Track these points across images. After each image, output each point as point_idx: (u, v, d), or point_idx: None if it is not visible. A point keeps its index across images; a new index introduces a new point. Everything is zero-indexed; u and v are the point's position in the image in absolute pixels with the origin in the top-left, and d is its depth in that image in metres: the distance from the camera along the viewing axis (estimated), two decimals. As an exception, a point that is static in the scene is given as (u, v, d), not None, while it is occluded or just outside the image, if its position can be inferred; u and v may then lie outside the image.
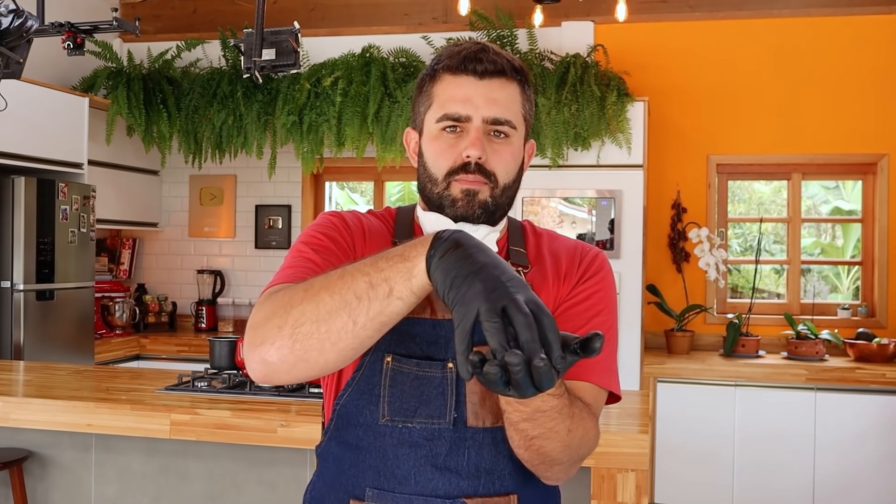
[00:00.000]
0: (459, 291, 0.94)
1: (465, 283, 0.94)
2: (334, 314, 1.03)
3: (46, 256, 4.24)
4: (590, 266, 1.35)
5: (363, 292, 1.02)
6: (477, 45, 1.32)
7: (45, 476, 2.97)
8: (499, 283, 0.94)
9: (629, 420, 2.48)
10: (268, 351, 1.07)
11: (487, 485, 1.24)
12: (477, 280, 0.94)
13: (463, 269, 0.96)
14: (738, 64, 4.96)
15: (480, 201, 1.28)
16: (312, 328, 1.05)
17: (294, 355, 1.06)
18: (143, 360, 5.04)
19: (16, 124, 4.13)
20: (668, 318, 4.90)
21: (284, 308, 1.08)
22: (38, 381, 3.09)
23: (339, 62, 4.92)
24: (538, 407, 1.12)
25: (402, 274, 1.01)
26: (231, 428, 2.51)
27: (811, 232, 5.39)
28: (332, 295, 1.04)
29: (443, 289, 0.97)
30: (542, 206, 4.60)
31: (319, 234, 1.30)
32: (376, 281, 1.02)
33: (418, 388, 1.24)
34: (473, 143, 1.26)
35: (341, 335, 1.04)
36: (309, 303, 1.05)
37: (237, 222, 5.62)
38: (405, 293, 1.01)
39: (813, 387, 4.36)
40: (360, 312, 1.03)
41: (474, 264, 0.96)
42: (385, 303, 1.02)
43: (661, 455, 4.48)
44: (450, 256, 0.98)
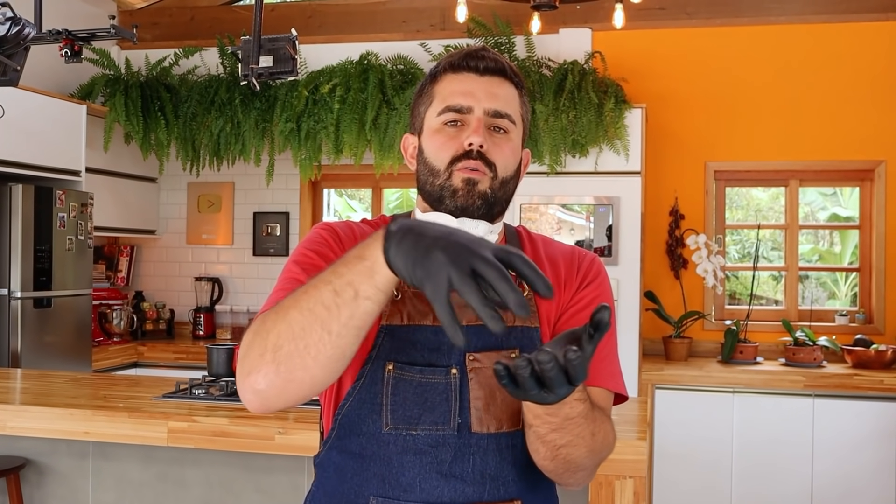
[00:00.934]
0: (423, 267, 0.94)
1: (427, 257, 0.94)
2: (308, 329, 1.04)
3: (44, 264, 4.24)
4: (588, 272, 1.37)
5: (330, 301, 1.03)
6: (477, 45, 1.37)
7: (42, 484, 2.96)
8: (459, 246, 0.94)
9: (627, 427, 2.47)
10: (256, 380, 1.08)
11: (492, 491, 1.24)
12: (436, 250, 0.94)
13: (420, 246, 0.96)
14: (735, 71, 4.97)
15: (480, 192, 1.28)
16: (291, 347, 1.05)
17: (280, 378, 1.07)
18: (140, 367, 5.03)
19: (13, 132, 4.13)
20: (666, 325, 4.90)
21: (261, 335, 1.09)
22: (36, 389, 3.08)
23: (337, 69, 4.93)
24: (567, 414, 1.14)
25: (364, 274, 1.01)
26: (228, 435, 2.51)
27: (809, 238, 5.40)
28: (300, 311, 1.05)
29: (407, 272, 0.97)
30: (540, 213, 4.60)
31: (310, 251, 1.29)
32: (339, 287, 1.02)
33: (421, 395, 1.24)
34: (476, 130, 1.28)
35: (320, 348, 1.04)
36: (282, 323, 1.06)
37: (235, 229, 5.61)
38: (371, 292, 1.02)
39: (811, 393, 4.36)
40: (331, 322, 1.03)
41: (430, 238, 0.96)
42: (354, 306, 1.02)
43: (659, 462, 4.47)
44: (405, 241, 0.98)
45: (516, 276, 1.31)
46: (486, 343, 1.27)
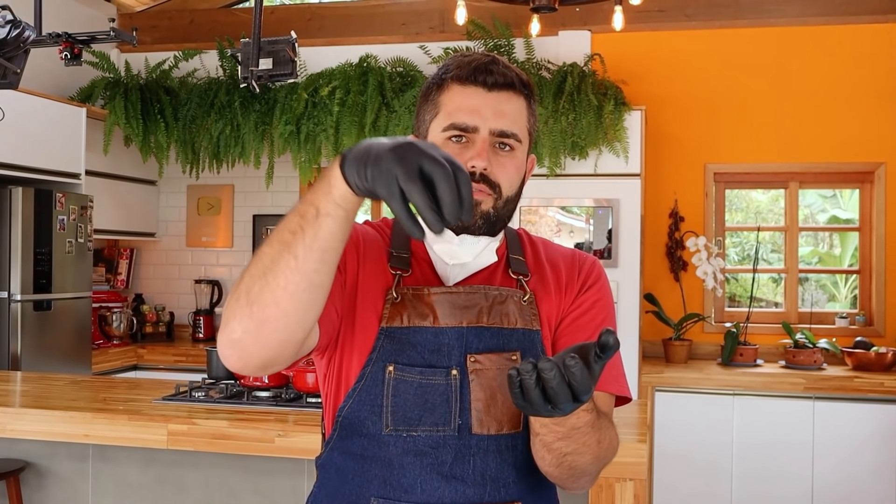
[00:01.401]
0: (374, 167, 0.95)
1: (377, 160, 0.96)
2: (276, 259, 1.04)
3: (44, 267, 4.24)
4: (589, 275, 1.37)
5: (295, 225, 1.04)
6: (487, 56, 1.32)
7: (42, 487, 2.96)
8: (407, 146, 0.95)
9: (627, 429, 2.47)
10: (232, 328, 1.08)
11: (493, 493, 1.25)
12: (387, 151, 0.96)
13: (372, 152, 0.97)
14: (735, 73, 4.98)
15: (482, 212, 1.28)
16: (262, 283, 1.05)
17: (254, 321, 1.06)
18: (140, 370, 5.02)
19: (13, 135, 4.13)
20: (666, 327, 4.89)
21: (236, 284, 1.09)
22: (36, 392, 3.08)
23: (337, 72, 4.93)
24: (573, 424, 1.15)
25: (323, 191, 1.03)
26: (228, 438, 2.51)
27: (808, 241, 5.40)
28: (270, 245, 1.06)
29: (360, 178, 0.98)
30: (539, 216, 4.60)
31: None
32: (303, 209, 1.04)
33: (422, 397, 1.24)
34: (479, 153, 1.27)
35: (287, 276, 1.03)
36: (254, 264, 1.07)
37: (235, 232, 5.61)
38: (330, 207, 1.02)
39: (811, 396, 4.35)
40: (297, 245, 1.03)
41: (380, 144, 0.98)
42: (316, 225, 1.02)
43: (659, 464, 4.47)
44: (358, 151, 1.00)
45: (517, 283, 1.32)
46: (488, 345, 1.28)
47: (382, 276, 1.30)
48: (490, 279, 1.33)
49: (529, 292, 1.32)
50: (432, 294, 1.28)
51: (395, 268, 1.31)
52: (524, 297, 1.32)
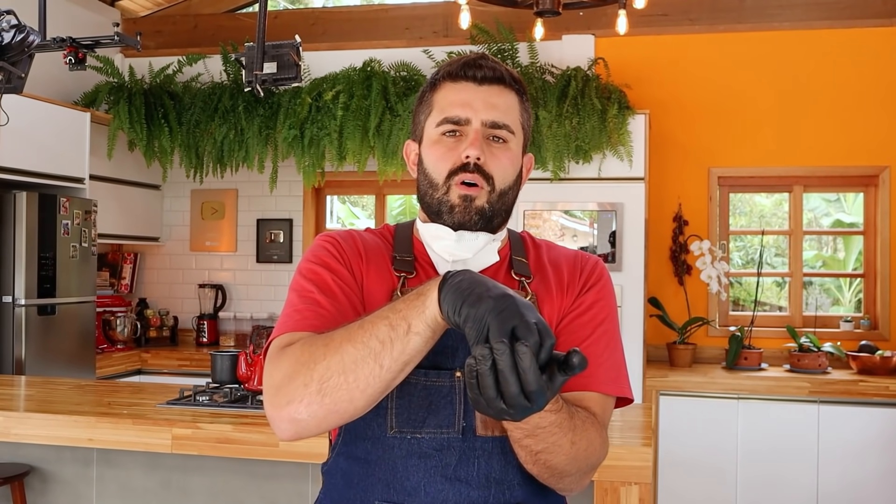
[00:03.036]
0: (472, 308, 0.99)
1: (478, 300, 0.99)
2: (360, 362, 1.08)
3: (48, 271, 4.24)
4: (590, 275, 1.37)
5: (385, 336, 1.07)
6: (476, 53, 1.35)
7: (46, 491, 2.96)
8: (511, 303, 0.98)
9: (632, 433, 2.47)
10: (297, 409, 1.11)
11: (497, 495, 1.24)
12: (488, 298, 0.99)
13: (475, 290, 1.01)
14: (739, 77, 4.97)
15: (477, 207, 1.29)
16: (340, 380, 1.08)
17: (324, 409, 1.10)
18: (144, 374, 5.02)
19: (18, 139, 4.14)
20: (671, 331, 4.89)
21: (307, 365, 1.11)
22: (40, 396, 3.08)
23: (340, 76, 4.94)
24: (537, 423, 1.14)
25: (418, 309, 1.06)
26: (233, 442, 2.50)
27: (813, 245, 5.39)
28: (355, 345, 1.08)
29: (454, 309, 1.01)
30: (543, 220, 4.60)
31: (319, 266, 1.29)
32: (395, 322, 1.07)
33: (426, 399, 1.24)
34: (472, 143, 1.28)
35: (369, 381, 1.08)
36: (333, 356, 1.09)
37: (238, 236, 5.62)
38: (421, 327, 1.06)
39: (816, 399, 4.34)
40: (384, 355, 1.07)
41: (484, 287, 1.01)
42: (405, 340, 1.07)
43: (663, 468, 4.46)
44: (460, 284, 1.03)
45: (518, 284, 1.32)
46: None
47: (387, 280, 1.31)
48: (496, 280, 1.33)
49: (531, 294, 1.32)
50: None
51: (399, 270, 1.31)
52: (526, 299, 1.31)
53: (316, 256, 1.31)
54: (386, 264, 1.32)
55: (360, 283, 1.30)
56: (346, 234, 1.36)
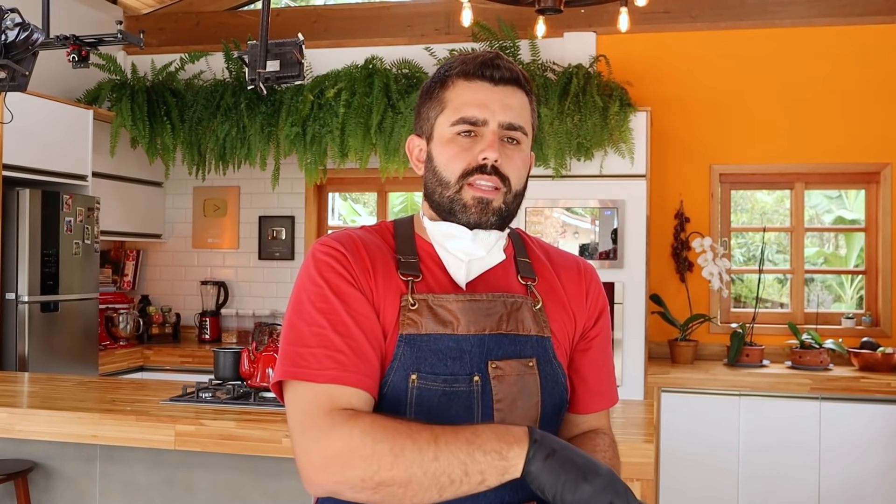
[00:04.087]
0: (574, 495, 1.07)
1: (577, 486, 1.08)
2: (425, 488, 1.12)
3: (51, 268, 4.25)
4: (597, 299, 1.42)
5: (457, 478, 1.11)
6: (490, 52, 1.34)
7: (49, 487, 2.97)
8: (604, 482, 1.08)
9: (634, 430, 2.48)
10: (344, 491, 1.14)
11: (511, 493, 1.25)
12: (584, 482, 1.08)
13: (571, 474, 1.09)
14: (740, 74, 4.98)
15: (495, 208, 1.30)
16: (399, 491, 1.12)
17: (370, 500, 1.14)
18: (146, 371, 5.04)
19: (21, 137, 4.15)
20: (672, 328, 4.89)
21: (370, 464, 1.12)
22: (43, 393, 3.09)
23: (342, 74, 4.94)
24: None
25: (498, 471, 1.11)
26: (236, 439, 2.51)
27: (814, 241, 5.39)
28: (425, 474, 1.11)
29: (552, 493, 1.09)
30: (545, 217, 4.61)
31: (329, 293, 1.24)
32: (472, 471, 1.11)
33: (446, 404, 1.24)
34: (491, 145, 1.28)
35: (424, 500, 1.13)
36: (399, 472, 1.11)
37: (241, 233, 5.63)
38: (494, 483, 1.12)
39: (817, 396, 4.35)
40: (449, 490, 1.12)
41: (577, 466, 1.09)
42: (475, 487, 1.12)
43: (665, 465, 4.47)
44: (551, 462, 1.10)
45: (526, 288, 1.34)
46: (506, 352, 1.29)
47: (395, 284, 1.28)
48: (503, 283, 1.34)
49: (540, 300, 1.34)
50: (456, 301, 1.28)
51: (405, 274, 1.29)
52: (536, 305, 1.33)
53: (323, 278, 1.25)
54: (391, 269, 1.29)
55: (371, 299, 1.26)
56: (350, 244, 1.30)
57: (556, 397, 1.31)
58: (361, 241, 1.32)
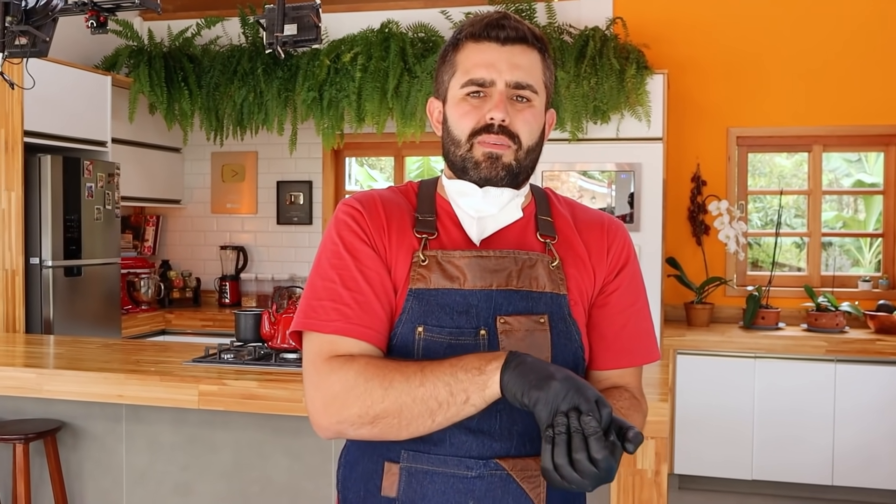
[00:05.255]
0: (541, 392, 1.10)
1: (545, 384, 1.10)
2: (416, 415, 1.19)
3: (73, 233, 4.31)
4: (621, 251, 1.40)
5: (444, 399, 1.18)
6: (499, 13, 1.35)
7: (77, 446, 3.05)
8: (572, 383, 1.10)
9: (649, 389, 2.50)
10: (347, 430, 1.24)
11: (519, 447, 1.28)
12: (553, 381, 1.10)
13: (540, 375, 1.12)
14: (757, 35, 4.93)
15: (504, 164, 1.31)
16: (394, 422, 1.21)
17: (371, 434, 1.24)
18: (168, 334, 5.12)
19: (41, 103, 4.19)
20: (688, 291, 4.91)
21: (363, 400, 1.21)
22: (69, 354, 3.16)
23: (359, 38, 4.94)
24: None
25: (478, 385, 1.16)
26: (257, 398, 2.56)
27: (833, 206, 5.38)
28: (414, 400, 1.19)
29: (521, 394, 1.12)
30: (561, 181, 4.62)
31: (342, 249, 1.31)
32: (456, 391, 1.17)
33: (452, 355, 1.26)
34: (497, 105, 1.30)
35: (420, 429, 1.21)
36: (391, 403, 1.20)
37: (259, 198, 5.67)
38: (479, 401, 1.17)
39: (833, 358, 4.37)
40: (439, 414, 1.19)
41: (546, 370, 1.13)
42: (461, 408, 1.18)
43: (680, 427, 4.51)
44: (522, 367, 1.14)
45: (544, 246, 1.35)
46: (517, 307, 1.31)
47: (408, 241, 1.33)
48: (520, 241, 1.36)
49: (557, 258, 1.35)
50: (462, 257, 1.31)
51: (420, 231, 1.33)
52: (552, 263, 1.34)
53: (339, 236, 1.33)
54: (407, 226, 1.34)
55: (384, 255, 1.32)
56: (369, 201, 1.36)
57: (568, 354, 1.33)
58: (381, 200, 1.37)
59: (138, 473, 2.99)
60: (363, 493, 1.33)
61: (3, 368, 2.81)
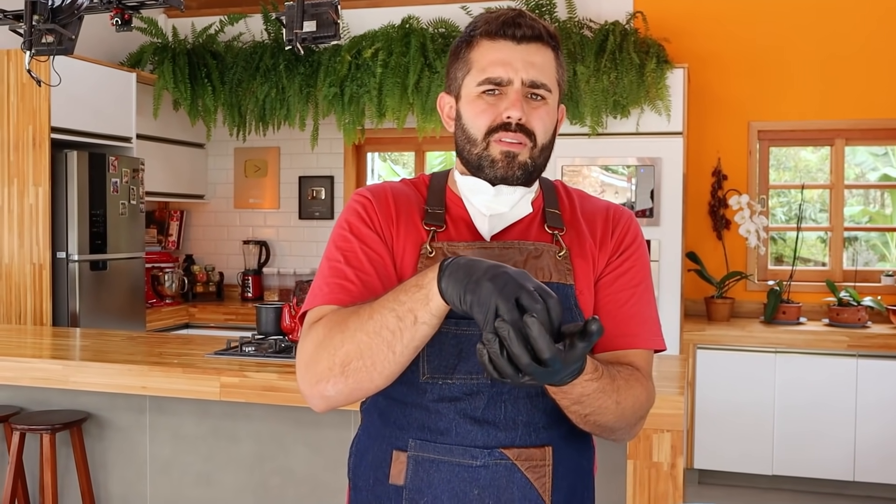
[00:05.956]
0: (474, 295, 1.05)
1: (476, 287, 1.05)
2: (375, 349, 1.17)
3: (99, 228, 4.38)
4: (625, 234, 1.40)
5: (395, 326, 1.16)
6: (513, 10, 1.36)
7: (102, 437, 3.10)
8: (506, 278, 1.04)
9: (666, 382, 2.52)
10: (325, 388, 1.23)
11: (524, 437, 1.30)
12: (485, 280, 1.05)
13: (472, 277, 1.07)
14: (779, 28, 4.91)
15: (520, 162, 1.33)
16: (359, 364, 1.19)
17: (349, 387, 1.22)
18: (192, 328, 5.18)
19: (68, 100, 4.25)
20: (709, 286, 4.90)
21: (327, 350, 1.21)
22: (95, 347, 3.21)
23: (379, 34, 4.97)
24: (581, 393, 1.19)
25: (421, 301, 1.14)
26: (278, 390, 2.60)
27: (859, 200, 5.34)
28: (368, 335, 1.18)
29: (458, 300, 1.08)
30: (583, 176, 4.62)
31: (349, 234, 1.35)
32: (402, 313, 1.15)
33: (457, 347, 1.29)
34: (514, 103, 1.31)
35: (385, 364, 1.18)
36: (350, 344, 1.19)
37: (281, 193, 5.72)
38: (427, 317, 1.14)
39: (855, 353, 4.34)
40: (396, 342, 1.16)
41: (479, 271, 1.07)
42: (414, 329, 1.15)
43: (700, 421, 4.51)
44: (456, 273, 1.09)
45: (552, 237, 1.35)
46: None
47: (416, 233, 1.35)
48: (526, 233, 1.37)
49: (565, 248, 1.36)
50: (467, 248, 1.33)
51: (429, 224, 1.36)
52: (559, 253, 1.35)
53: (347, 221, 1.36)
54: (415, 218, 1.36)
55: (391, 244, 1.35)
56: (380, 192, 1.39)
57: None
58: (391, 191, 1.40)
59: (161, 464, 3.04)
60: (372, 482, 1.36)
61: (31, 360, 2.88)
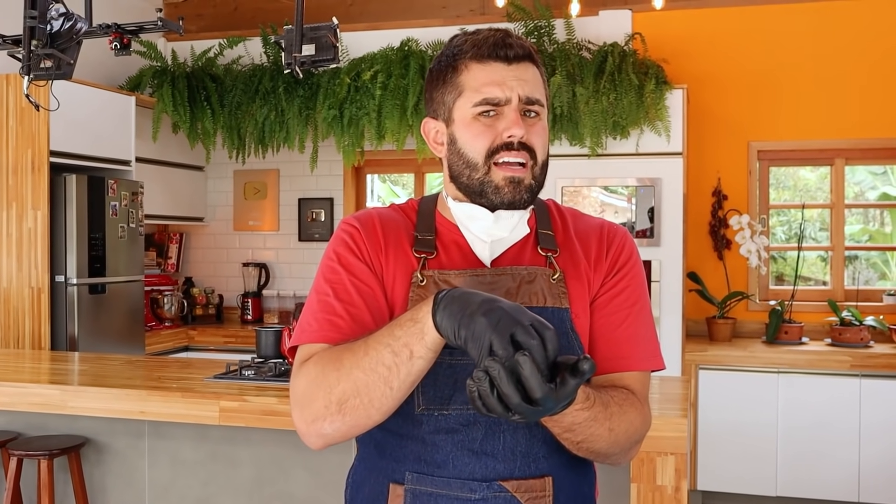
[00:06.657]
0: (468, 330, 1.04)
1: (471, 321, 1.04)
2: (372, 387, 1.16)
3: (98, 251, 4.37)
4: (620, 253, 1.37)
5: (390, 362, 1.14)
6: (499, 31, 1.34)
7: (101, 462, 3.08)
8: (501, 312, 1.03)
9: (669, 405, 2.50)
10: (322, 426, 1.21)
11: (523, 468, 1.27)
12: (479, 315, 1.04)
13: (466, 311, 1.06)
14: (777, 48, 4.92)
15: (526, 186, 1.31)
16: (356, 401, 1.18)
17: (346, 425, 1.20)
18: (191, 351, 5.16)
19: (67, 123, 4.26)
20: (710, 306, 4.88)
21: (323, 388, 1.20)
22: (93, 371, 3.19)
23: (378, 56, 4.98)
24: (572, 421, 1.18)
25: (416, 335, 1.12)
26: (278, 414, 2.58)
27: (858, 219, 5.33)
28: (364, 372, 1.16)
29: (453, 334, 1.07)
30: (583, 196, 4.62)
31: (338, 265, 1.33)
32: (397, 348, 1.14)
33: (452, 377, 1.26)
34: (515, 121, 1.29)
35: (383, 401, 1.17)
36: (346, 382, 1.18)
37: (281, 216, 5.71)
38: (423, 351, 1.13)
39: (857, 373, 4.32)
40: (392, 379, 1.15)
41: (472, 303, 1.06)
42: (410, 364, 1.14)
43: (703, 443, 4.48)
44: (451, 305, 1.08)
45: (545, 260, 1.33)
46: None
47: (406, 261, 1.33)
48: (519, 256, 1.35)
49: (559, 271, 1.33)
50: (458, 276, 1.31)
51: (419, 251, 1.33)
52: (553, 276, 1.32)
53: (335, 251, 1.34)
54: (405, 245, 1.34)
55: (380, 273, 1.32)
56: (367, 219, 1.36)
57: None
58: (379, 219, 1.37)
59: (160, 489, 3.01)
60: None
61: (29, 385, 2.86)
